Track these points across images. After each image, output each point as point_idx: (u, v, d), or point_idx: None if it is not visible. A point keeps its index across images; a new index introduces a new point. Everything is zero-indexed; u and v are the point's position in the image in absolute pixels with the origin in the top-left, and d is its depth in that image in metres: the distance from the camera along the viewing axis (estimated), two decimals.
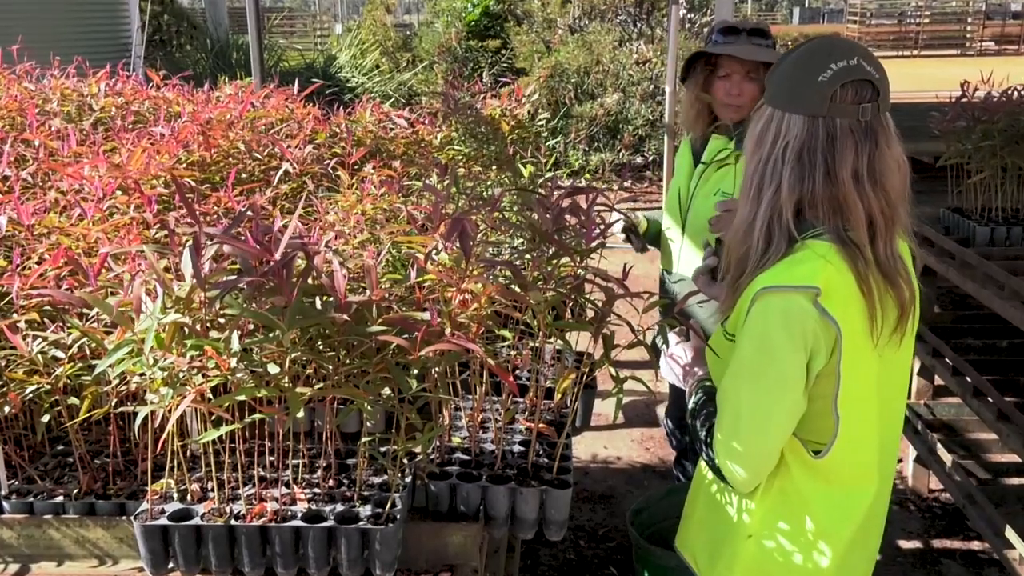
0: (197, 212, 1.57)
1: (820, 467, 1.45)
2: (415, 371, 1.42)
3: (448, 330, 1.43)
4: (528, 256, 1.63)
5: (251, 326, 1.37)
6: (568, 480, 1.62)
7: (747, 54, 2.26)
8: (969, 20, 23.23)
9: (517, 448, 1.73)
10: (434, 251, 1.56)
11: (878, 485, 1.51)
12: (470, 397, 1.84)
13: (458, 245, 1.47)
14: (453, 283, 1.48)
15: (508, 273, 1.59)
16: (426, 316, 1.38)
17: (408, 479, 1.57)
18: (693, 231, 2.45)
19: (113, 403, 1.58)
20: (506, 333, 1.63)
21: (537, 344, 1.69)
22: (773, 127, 1.39)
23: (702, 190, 2.42)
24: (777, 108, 1.40)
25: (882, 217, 1.38)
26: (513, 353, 1.89)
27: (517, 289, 1.49)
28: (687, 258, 2.49)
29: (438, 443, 1.70)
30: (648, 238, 2.61)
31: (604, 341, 1.54)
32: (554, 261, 1.57)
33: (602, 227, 1.67)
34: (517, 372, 1.97)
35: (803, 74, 1.37)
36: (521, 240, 1.90)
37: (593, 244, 1.60)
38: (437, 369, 1.51)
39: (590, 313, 1.58)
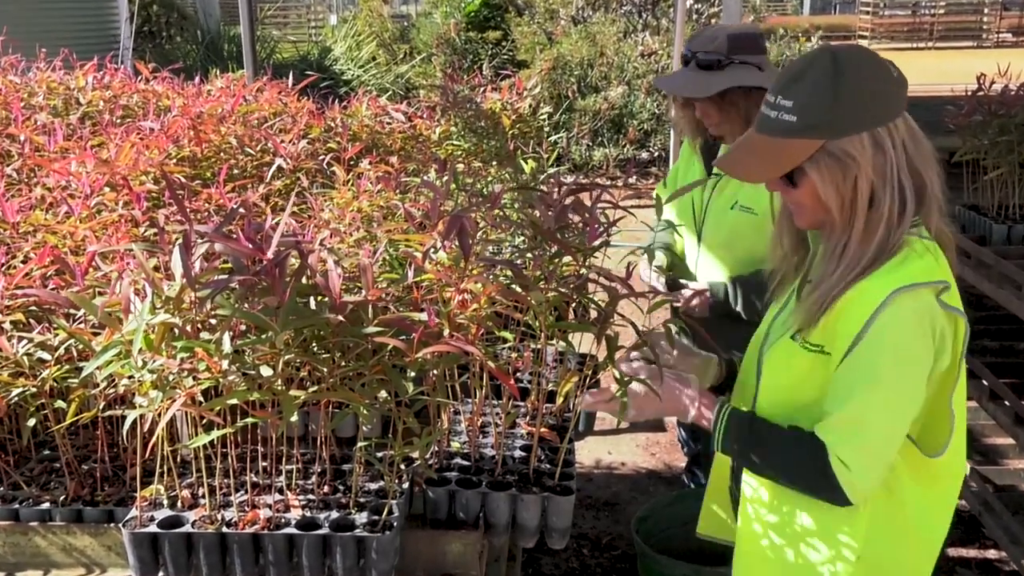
0: (187, 209, 1.57)
1: (929, 468, 1.46)
2: (412, 374, 1.42)
3: (446, 331, 1.43)
4: (529, 255, 1.63)
5: (243, 327, 1.37)
6: (571, 486, 1.62)
7: (675, 90, 2.41)
8: (986, 11, 23.18)
9: (518, 453, 1.73)
10: (432, 250, 1.56)
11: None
12: (470, 401, 1.84)
13: (456, 244, 1.47)
14: (451, 283, 1.48)
15: (508, 273, 1.59)
16: (423, 317, 1.39)
17: (405, 485, 1.57)
18: (711, 243, 2.48)
19: (101, 406, 1.58)
20: (506, 334, 1.63)
21: (538, 346, 1.69)
22: (886, 140, 1.34)
23: (717, 202, 2.43)
24: (876, 126, 1.34)
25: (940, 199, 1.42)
26: (514, 355, 1.89)
27: (518, 289, 1.49)
28: (705, 269, 2.52)
29: (436, 448, 1.70)
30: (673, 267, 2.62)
31: (607, 343, 1.54)
32: (556, 260, 1.57)
33: (605, 225, 1.67)
34: (518, 375, 1.97)
35: (876, 83, 1.35)
36: (522, 239, 1.91)
37: (596, 243, 1.60)
38: (435, 372, 1.51)
39: (593, 314, 1.58)
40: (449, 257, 1.55)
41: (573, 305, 1.67)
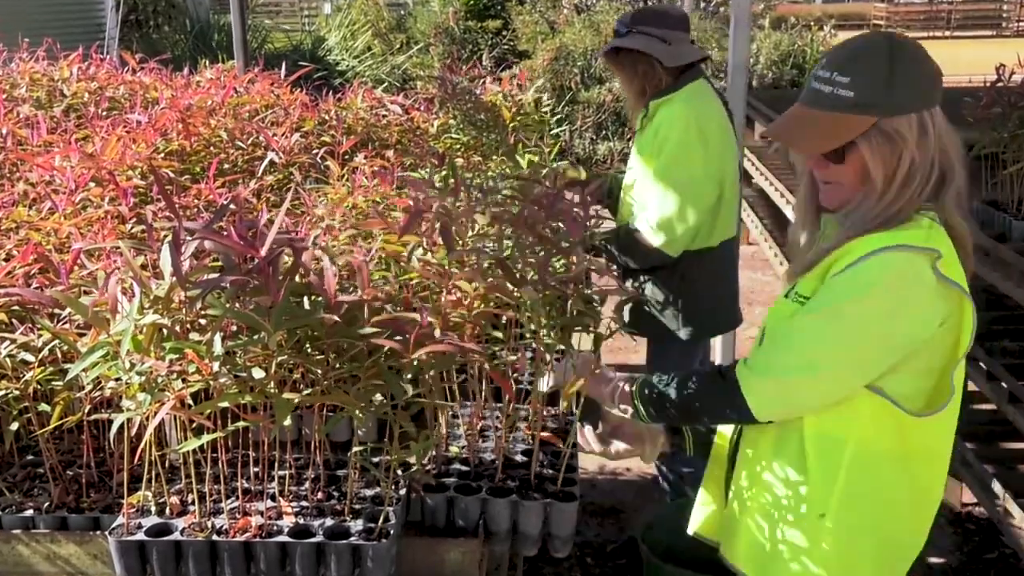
0: (176, 205, 1.58)
1: (912, 434, 1.49)
2: (408, 376, 1.42)
3: (438, 332, 1.43)
4: (517, 252, 1.62)
5: (234, 327, 1.38)
6: (574, 492, 1.63)
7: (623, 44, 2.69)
8: None
9: (519, 458, 1.73)
10: (420, 248, 1.56)
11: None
12: (468, 404, 1.84)
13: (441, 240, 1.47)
14: (438, 281, 1.46)
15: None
16: (417, 317, 1.38)
17: (402, 491, 1.57)
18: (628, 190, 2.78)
19: (87, 410, 1.59)
20: (498, 334, 1.62)
21: (537, 346, 1.69)
22: (929, 124, 1.46)
23: (634, 153, 2.77)
24: (924, 110, 1.46)
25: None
26: (515, 356, 1.89)
27: (509, 286, 1.48)
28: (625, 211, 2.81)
29: (434, 453, 1.70)
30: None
31: (594, 336, 1.55)
32: (542, 255, 1.56)
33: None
34: (518, 376, 1.97)
35: (926, 70, 1.47)
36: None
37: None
38: (430, 374, 1.51)
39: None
40: (434, 256, 1.54)
41: (571, 302, 1.66)
